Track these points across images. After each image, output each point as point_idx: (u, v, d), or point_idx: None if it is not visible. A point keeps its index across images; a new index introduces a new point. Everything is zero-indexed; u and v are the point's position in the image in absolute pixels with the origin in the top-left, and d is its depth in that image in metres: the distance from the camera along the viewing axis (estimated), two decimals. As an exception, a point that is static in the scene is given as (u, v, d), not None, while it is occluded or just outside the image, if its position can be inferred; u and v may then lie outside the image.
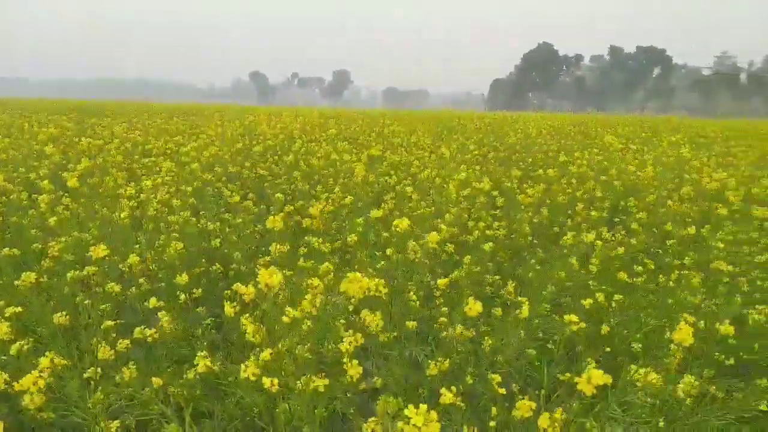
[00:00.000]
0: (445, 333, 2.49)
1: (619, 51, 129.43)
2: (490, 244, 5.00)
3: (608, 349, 3.27)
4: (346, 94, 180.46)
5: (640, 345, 3.13)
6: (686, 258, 4.33)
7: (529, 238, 5.36)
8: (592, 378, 1.63)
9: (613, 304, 3.76)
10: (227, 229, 4.87)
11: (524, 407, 1.84)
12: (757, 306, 3.51)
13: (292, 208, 4.72)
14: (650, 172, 7.65)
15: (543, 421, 1.69)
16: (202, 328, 3.71)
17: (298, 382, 1.85)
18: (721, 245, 4.24)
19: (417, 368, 2.44)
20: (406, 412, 1.28)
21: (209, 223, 4.96)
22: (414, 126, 16.89)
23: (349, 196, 5.23)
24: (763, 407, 2.33)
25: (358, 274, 1.73)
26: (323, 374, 2.00)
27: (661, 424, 1.87)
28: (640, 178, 7.32)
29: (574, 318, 1.90)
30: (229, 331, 3.42)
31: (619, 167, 7.91)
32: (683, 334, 1.88)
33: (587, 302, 3.30)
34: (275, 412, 1.87)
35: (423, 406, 1.30)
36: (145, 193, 5.41)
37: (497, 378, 1.94)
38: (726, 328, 2.90)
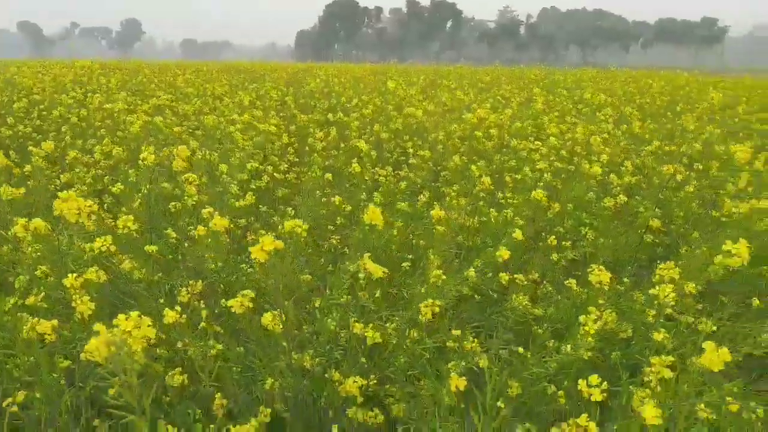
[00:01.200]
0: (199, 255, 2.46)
1: (416, 4, 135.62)
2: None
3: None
4: (139, 46, 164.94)
5: (409, 264, 3.40)
6: (455, 186, 4.78)
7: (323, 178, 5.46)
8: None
9: (395, 231, 4.04)
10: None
11: (236, 304, 1.92)
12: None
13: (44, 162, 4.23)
14: (435, 115, 8.24)
15: (266, 318, 1.79)
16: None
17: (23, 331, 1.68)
18: (478, 171, 4.73)
19: (174, 300, 2.39)
20: (115, 321, 1.25)
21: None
22: (212, 76, 16.08)
23: (116, 148, 4.83)
24: (464, 289, 2.73)
25: (73, 193, 1.62)
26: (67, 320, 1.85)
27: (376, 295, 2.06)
28: (423, 120, 7.82)
29: (298, 221, 1.99)
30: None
31: (405, 111, 8.35)
32: (372, 215, 2.15)
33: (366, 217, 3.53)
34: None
35: (134, 313, 1.28)
36: None
37: (251, 294, 1.97)
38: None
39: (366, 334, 2.01)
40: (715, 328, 2.33)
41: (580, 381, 1.59)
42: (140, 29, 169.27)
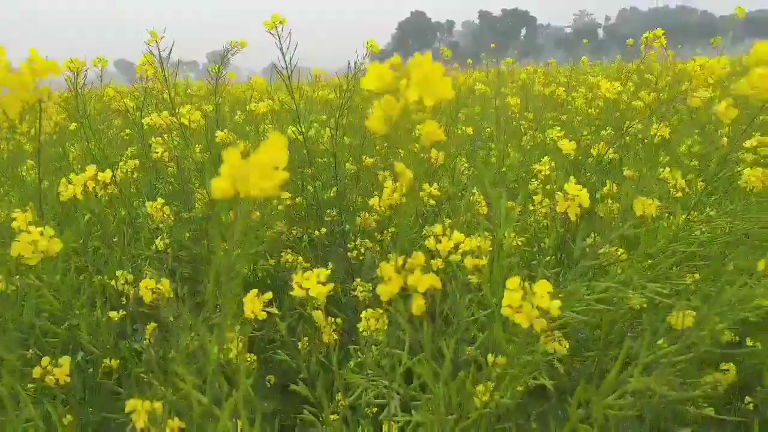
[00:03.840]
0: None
1: (488, 15, 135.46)
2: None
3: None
4: (223, 75, 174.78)
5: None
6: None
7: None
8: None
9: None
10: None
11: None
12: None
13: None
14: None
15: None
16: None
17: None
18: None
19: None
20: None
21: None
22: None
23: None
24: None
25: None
26: None
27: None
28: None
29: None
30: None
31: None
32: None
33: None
34: None
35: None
36: None
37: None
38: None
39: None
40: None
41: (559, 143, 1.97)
42: (227, 64, 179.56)
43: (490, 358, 1.17)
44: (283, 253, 2.18)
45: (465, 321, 1.24)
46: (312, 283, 1.20)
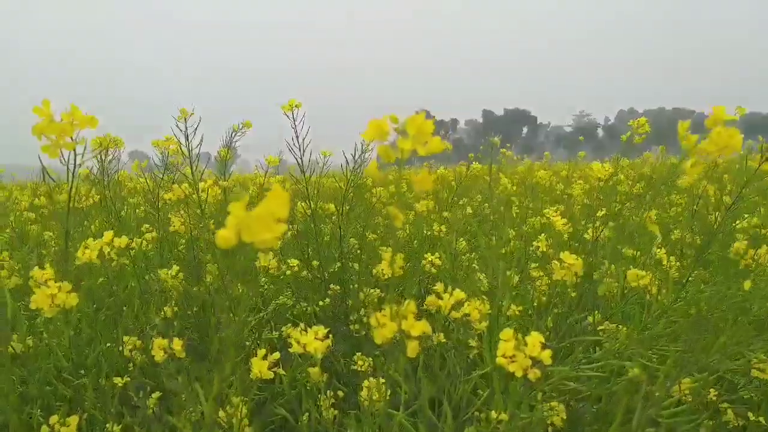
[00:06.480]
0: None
1: (491, 114, 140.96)
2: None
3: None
4: (235, 168, 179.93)
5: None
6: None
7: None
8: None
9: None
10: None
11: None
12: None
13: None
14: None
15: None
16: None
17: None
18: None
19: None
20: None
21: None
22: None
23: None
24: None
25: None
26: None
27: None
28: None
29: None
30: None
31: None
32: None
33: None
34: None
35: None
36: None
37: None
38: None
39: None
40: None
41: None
42: (237, 154, 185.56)
43: (493, 415, 1.19)
44: (284, 328, 2.22)
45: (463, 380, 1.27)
46: (309, 339, 1.24)
